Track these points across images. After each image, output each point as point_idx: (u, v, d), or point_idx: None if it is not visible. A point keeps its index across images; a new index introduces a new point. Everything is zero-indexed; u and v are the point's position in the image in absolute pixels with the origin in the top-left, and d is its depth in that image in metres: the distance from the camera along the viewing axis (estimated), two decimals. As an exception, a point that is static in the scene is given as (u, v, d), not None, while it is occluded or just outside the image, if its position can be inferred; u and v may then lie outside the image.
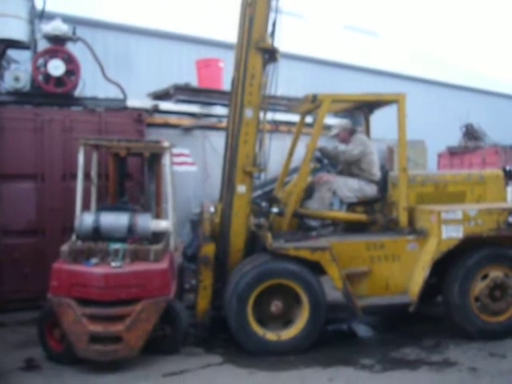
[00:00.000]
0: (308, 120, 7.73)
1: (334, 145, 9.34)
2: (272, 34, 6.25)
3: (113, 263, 5.40)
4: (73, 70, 8.07)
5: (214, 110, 9.85)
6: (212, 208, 6.44)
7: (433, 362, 5.54)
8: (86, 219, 5.89)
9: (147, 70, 14.02)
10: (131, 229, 5.84)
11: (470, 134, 16.14)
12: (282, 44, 6.30)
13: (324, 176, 7.06)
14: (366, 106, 7.31)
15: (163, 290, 5.50)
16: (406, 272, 6.17)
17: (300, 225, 6.82)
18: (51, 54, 8.00)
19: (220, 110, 9.67)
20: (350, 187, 6.82)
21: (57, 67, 7.92)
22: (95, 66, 8.55)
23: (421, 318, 6.82)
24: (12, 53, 8.96)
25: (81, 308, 5.27)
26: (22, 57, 8.96)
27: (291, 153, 7.35)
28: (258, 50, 6.12)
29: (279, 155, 7.53)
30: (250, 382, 5.16)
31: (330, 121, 9.53)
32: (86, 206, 6.57)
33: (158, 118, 9.15)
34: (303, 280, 5.78)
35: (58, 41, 8.11)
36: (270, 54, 6.25)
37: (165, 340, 5.66)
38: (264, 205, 6.82)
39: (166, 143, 6.37)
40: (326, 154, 7.11)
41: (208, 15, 14.78)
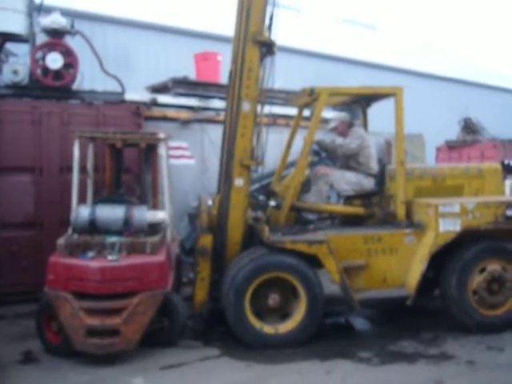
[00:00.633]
0: (306, 113, 7.71)
1: (331, 138, 9.34)
2: (269, 28, 6.24)
3: (109, 256, 5.40)
4: (71, 63, 8.06)
5: (212, 104, 9.84)
6: (210, 201, 6.44)
7: (430, 356, 5.55)
8: (82, 212, 5.89)
9: (146, 64, 14.01)
10: (127, 221, 5.84)
11: (469, 127, 16.12)
12: (280, 37, 6.28)
13: (321, 169, 7.06)
14: (363, 100, 7.30)
15: (160, 283, 5.50)
16: (403, 265, 6.18)
17: (297, 218, 6.81)
18: (50, 47, 7.99)
19: (218, 104, 9.66)
20: (347, 180, 6.82)
21: (55, 60, 7.91)
22: (93, 59, 8.54)
23: (418, 312, 6.82)
24: (10, 46, 8.96)
25: (78, 301, 5.27)
26: (21, 50, 8.95)
27: (289, 146, 7.34)
28: (255, 43, 6.10)
29: (277, 148, 7.53)
30: (247, 375, 5.16)
31: (327, 114, 9.52)
32: (83, 199, 6.58)
33: (156, 111, 9.14)
34: (300, 273, 5.78)
35: (56, 34, 8.10)
36: (268, 48, 6.24)
37: (162, 333, 5.67)
38: (261, 198, 6.82)
39: (161, 134, 6.37)
40: (323, 147, 7.10)
41: (206, 9, 14.74)
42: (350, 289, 5.92)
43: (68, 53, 8.02)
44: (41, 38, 8.37)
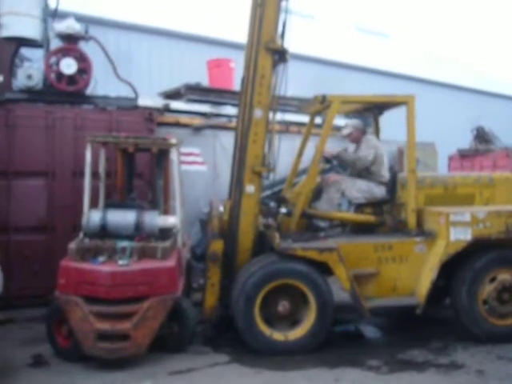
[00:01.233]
0: (318, 121, 7.72)
1: (343, 146, 9.34)
2: (282, 35, 6.27)
3: (120, 261, 5.42)
4: (85, 68, 8.13)
5: (224, 110, 9.89)
6: (221, 207, 6.46)
7: (440, 365, 5.52)
8: (93, 217, 5.92)
9: (159, 70, 14.07)
10: (138, 226, 5.87)
11: (481, 136, 16.03)
12: (292, 45, 6.31)
13: (332, 177, 7.06)
14: (375, 108, 7.29)
15: (170, 288, 5.52)
16: (413, 274, 6.16)
17: (308, 225, 6.82)
18: (64, 52, 8.07)
19: (230, 110, 9.70)
20: (358, 188, 6.81)
21: (69, 66, 7.98)
22: (107, 64, 8.60)
23: (428, 321, 6.79)
24: (25, 51, 9.04)
25: (88, 306, 5.30)
26: (35, 55, 9.04)
27: (300, 153, 7.35)
28: (268, 50, 6.13)
29: (289, 156, 7.54)
30: (256, 381, 5.16)
31: (339, 122, 9.53)
32: (95, 204, 6.62)
33: (169, 117, 9.20)
34: (311, 280, 5.78)
35: (70, 39, 8.17)
36: (280, 55, 6.26)
37: (172, 338, 5.68)
38: (272, 205, 6.83)
39: (173, 140, 6.41)
40: (343, 160, 7.04)
41: (219, 16, 14.80)
42: (360, 297, 5.91)
43: (82, 58, 8.09)
44: (55, 43, 8.45)
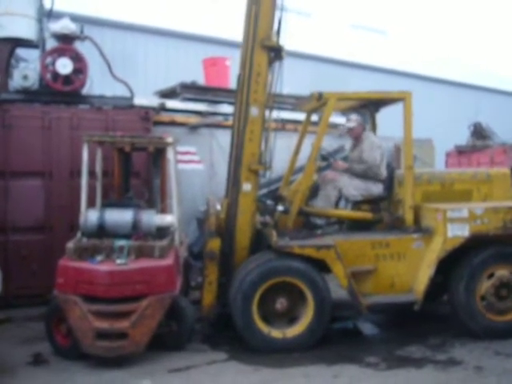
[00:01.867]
0: (314, 118, 7.72)
1: (340, 143, 9.35)
2: (277, 32, 6.26)
3: (118, 260, 5.43)
4: (81, 68, 8.12)
5: (220, 108, 9.87)
6: (218, 205, 6.47)
7: (438, 361, 5.54)
8: (90, 216, 5.93)
9: (155, 69, 14.07)
10: (136, 225, 5.88)
11: (478, 132, 16.00)
12: (288, 42, 6.31)
13: (329, 174, 7.05)
14: (372, 104, 7.30)
15: (168, 286, 5.53)
16: (411, 270, 6.17)
17: (305, 223, 6.83)
18: (59, 52, 8.05)
19: (227, 108, 9.69)
20: (355, 186, 6.81)
21: (65, 66, 7.96)
22: (103, 64, 8.59)
23: (426, 317, 6.81)
24: (21, 51, 9.02)
25: (86, 305, 5.31)
26: (31, 55, 9.01)
27: (297, 151, 7.36)
28: (264, 48, 6.13)
29: (285, 153, 7.55)
30: (255, 379, 5.17)
31: (335, 119, 9.54)
32: (92, 203, 6.63)
33: (165, 116, 9.18)
34: (308, 278, 5.79)
35: (66, 39, 8.15)
36: (276, 52, 6.26)
37: (170, 336, 5.70)
38: (269, 203, 6.83)
39: (169, 138, 6.41)
40: (354, 173, 6.91)
41: (214, 14, 14.79)
42: (357, 294, 5.92)
43: (78, 58, 8.08)
44: (51, 44, 8.44)
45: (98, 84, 8.77)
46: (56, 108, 7.97)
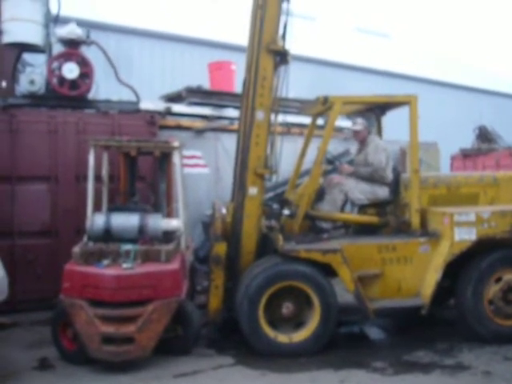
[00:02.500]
0: (319, 122, 7.71)
1: (345, 146, 9.34)
2: (283, 36, 6.27)
3: (124, 264, 5.43)
4: (87, 72, 8.14)
5: (226, 113, 9.88)
6: (223, 209, 6.46)
7: (446, 366, 5.50)
8: (97, 220, 5.93)
9: (160, 73, 14.09)
10: (142, 229, 5.87)
11: (484, 136, 15.96)
12: (293, 46, 6.31)
13: (335, 178, 7.04)
14: (377, 108, 7.28)
15: (175, 291, 5.52)
16: (418, 274, 6.14)
17: (311, 227, 6.81)
18: (66, 57, 8.08)
19: (232, 113, 9.70)
20: (361, 189, 6.80)
21: (71, 70, 7.99)
22: (109, 68, 8.62)
23: (433, 322, 6.79)
24: (27, 56, 9.05)
25: (93, 309, 5.31)
26: (37, 60, 9.04)
27: (303, 155, 7.35)
28: (269, 52, 6.13)
29: (291, 157, 7.54)
30: (261, 383, 5.15)
31: (341, 123, 9.52)
32: (99, 207, 6.63)
33: (171, 121, 9.19)
34: (314, 282, 5.78)
35: (72, 44, 8.18)
36: (281, 56, 6.25)
37: (176, 341, 5.68)
38: (275, 207, 6.81)
39: (175, 143, 6.41)
40: (360, 176, 6.91)
41: (220, 18, 14.82)
42: (364, 298, 5.90)
43: (84, 63, 8.10)
44: (57, 49, 8.46)
45: (104, 88, 8.79)
46: (62, 112, 7.99)
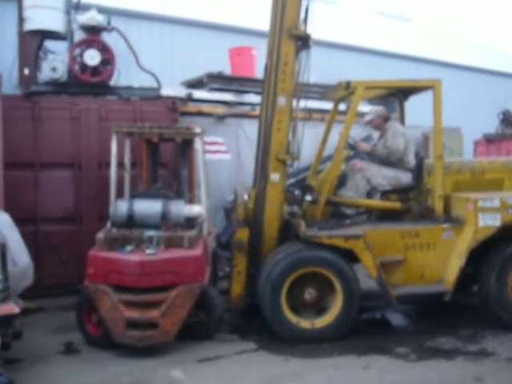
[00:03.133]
0: (341, 107, 7.65)
1: (367, 132, 9.27)
2: (304, 21, 6.21)
3: (147, 250, 5.47)
4: (108, 59, 8.17)
5: (247, 98, 9.87)
6: (245, 195, 6.46)
7: (469, 352, 5.48)
8: (120, 207, 5.98)
9: (181, 59, 14.07)
10: (165, 216, 5.90)
11: (508, 120, 15.74)
12: (315, 30, 6.25)
13: (358, 164, 7.00)
14: (400, 93, 7.20)
15: (197, 276, 5.55)
16: (441, 261, 6.10)
17: (333, 213, 6.79)
18: (87, 44, 8.12)
19: (253, 98, 9.67)
20: (384, 175, 6.75)
21: (93, 57, 8.04)
22: (130, 55, 8.63)
23: (456, 308, 6.74)
24: (49, 44, 9.10)
25: (117, 294, 5.37)
26: (59, 47, 9.07)
27: (324, 140, 7.30)
28: (291, 36, 6.08)
29: (312, 143, 7.49)
30: (284, 369, 5.18)
31: (363, 108, 9.44)
32: (121, 194, 6.68)
33: (192, 107, 9.20)
34: (337, 268, 5.77)
35: (93, 31, 8.21)
36: (303, 41, 6.20)
37: (200, 326, 5.72)
38: (297, 193, 6.79)
39: (197, 129, 6.41)
40: (377, 156, 6.92)
41: (241, 3, 14.73)
42: (386, 284, 5.88)
43: (105, 49, 8.13)
44: (78, 36, 8.50)
45: (125, 75, 8.81)
46: (84, 99, 8.06)
